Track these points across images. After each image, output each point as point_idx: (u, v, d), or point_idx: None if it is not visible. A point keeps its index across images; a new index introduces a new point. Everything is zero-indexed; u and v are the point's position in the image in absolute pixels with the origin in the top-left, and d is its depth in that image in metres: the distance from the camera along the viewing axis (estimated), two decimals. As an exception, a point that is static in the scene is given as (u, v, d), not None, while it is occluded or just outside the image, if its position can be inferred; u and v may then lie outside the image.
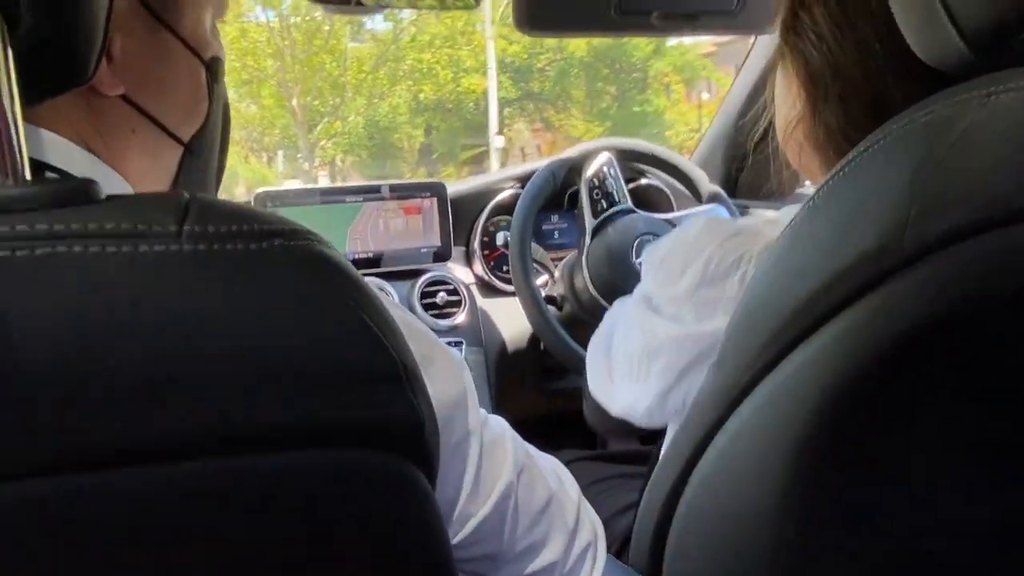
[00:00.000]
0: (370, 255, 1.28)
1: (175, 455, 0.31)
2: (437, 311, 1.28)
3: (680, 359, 0.63)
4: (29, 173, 0.35)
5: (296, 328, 0.33)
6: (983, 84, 0.39)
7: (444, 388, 0.42)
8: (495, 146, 13.54)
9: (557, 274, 1.28)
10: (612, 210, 1.20)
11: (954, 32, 0.39)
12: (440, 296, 1.28)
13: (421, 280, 1.28)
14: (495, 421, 0.53)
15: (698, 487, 0.48)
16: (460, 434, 0.46)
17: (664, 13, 0.91)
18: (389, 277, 1.28)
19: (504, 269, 1.35)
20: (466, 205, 1.36)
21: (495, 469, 0.49)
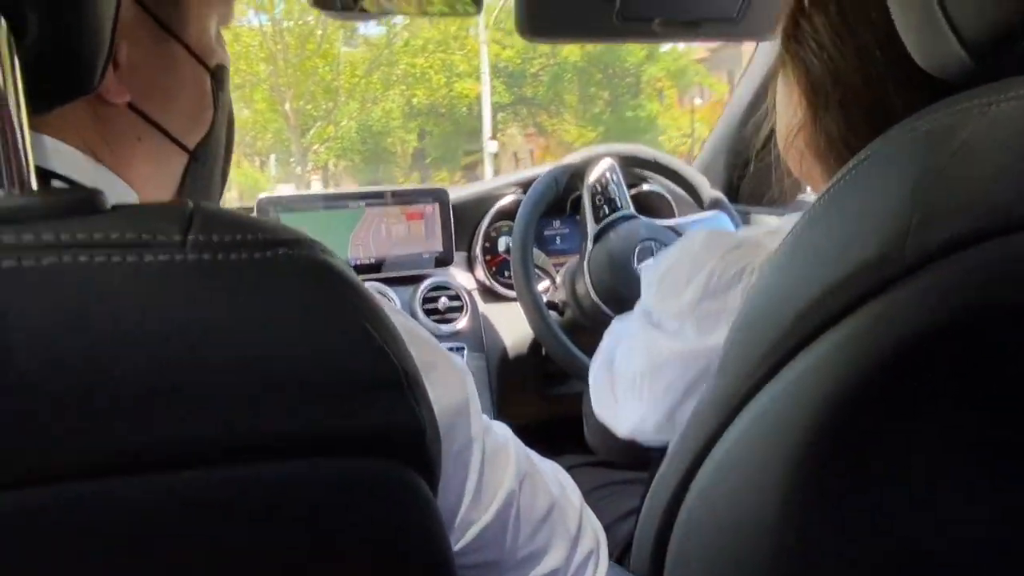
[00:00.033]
0: (372, 260, 1.27)
1: (178, 464, 0.31)
2: (439, 316, 1.27)
3: (685, 375, 0.62)
4: (36, 182, 0.35)
5: (300, 337, 0.33)
6: (984, 93, 0.39)
7: (446, 395, 0.42)
8: (488, 151, 13.55)
9: (559, 280, 1.28)
10: (614, 216, 1.20)
11: (954, 40, 0.39)
12: (442, 301, 1.28)
13: (423, 285, 1.28)
14: (498, 428, 0.52)
15: (698, 495, 0.48)
16: (462, 441, 0.46)
17: (666, 20, 0.91)
18: (391, 282, 1.27)
19: (506, 274, 1.35)
20: (468, 211, 1.36)
21: (497, 476, 0.49)
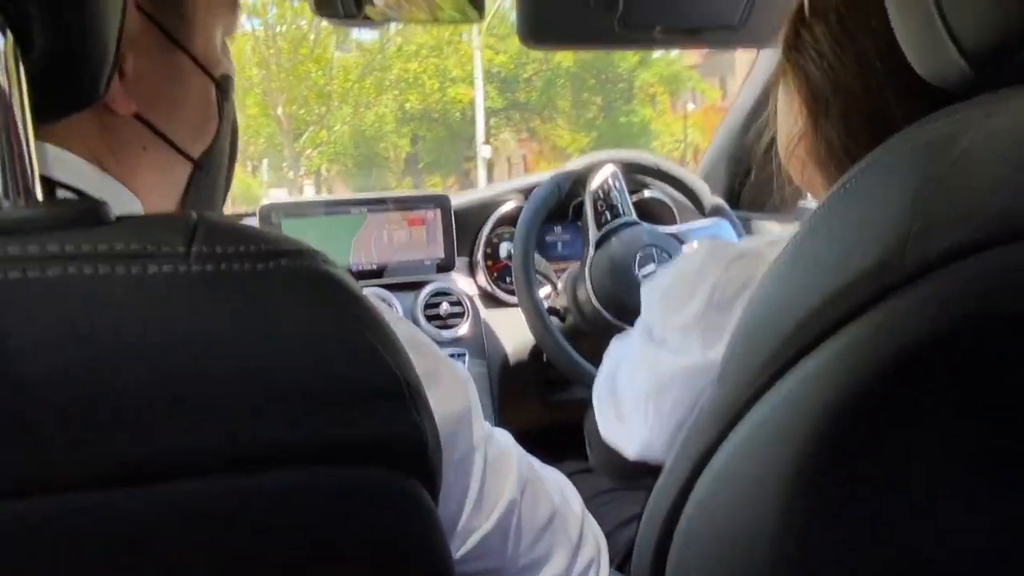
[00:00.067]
0: (374, 266, 1.27)
1: (179, 474, 0.31)
2: (440, 322, 1.27)
3: (691, 391, 0.62)
4: (41, 193, 0.35)
5: (302, 348, 0.33)
6: (983, 103, 0.39)
7: (448, 404, 0.42)
8: (482, 155, 13.57)
9: (560, 286, 1.28)
10: (616, 222, 1.20)
11: (954, 49, 0.40)
12: (443, 307, 1.28)
13: (424, 291, 1.28)
14: (500, 435, 0.52)
15: (697, 504, 0.48)
16: (464, 449, 0.46)
17: (667, 27, 0.91)
18: (393, 288, 1.27)
19: (507, 280, 1.35)
20: (470, 216, 1.36)
21: (499, 484, 0.49)
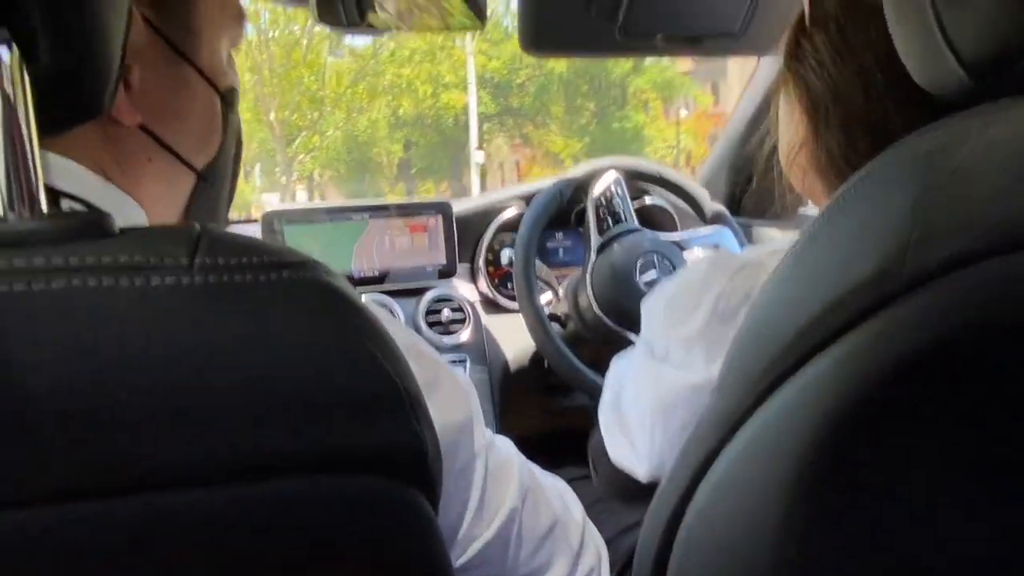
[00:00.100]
0: (375, 272, 1.27)
1: (182, 484, 0.31)
2: (442, 328, 1.27)
3: (698, 407, 0.61)
4: (46, 202, 0.35)
5: (303, 358, 0.34)
6: (982, 112, 0.39)
7: (449, 413, 0.43)
8: (475, 161, 13.58)
9: (561, 292, 1.28)
10: (618, 228, 1.21)
11: (953, 59, 0.40)
12: (445, 313, 1.28)
13: (426, 297, 1.28)
14: (502, 443, 0.52)
15: (697, 513, 0.47)
16: (465, 458, 0.46)
17: (668, 35, 0.92)
18: (394, 294, 1.27)
19: (509, 287, 1.35)
20: (471, 223, 1.36)
21: (500, 493, 0.49)
